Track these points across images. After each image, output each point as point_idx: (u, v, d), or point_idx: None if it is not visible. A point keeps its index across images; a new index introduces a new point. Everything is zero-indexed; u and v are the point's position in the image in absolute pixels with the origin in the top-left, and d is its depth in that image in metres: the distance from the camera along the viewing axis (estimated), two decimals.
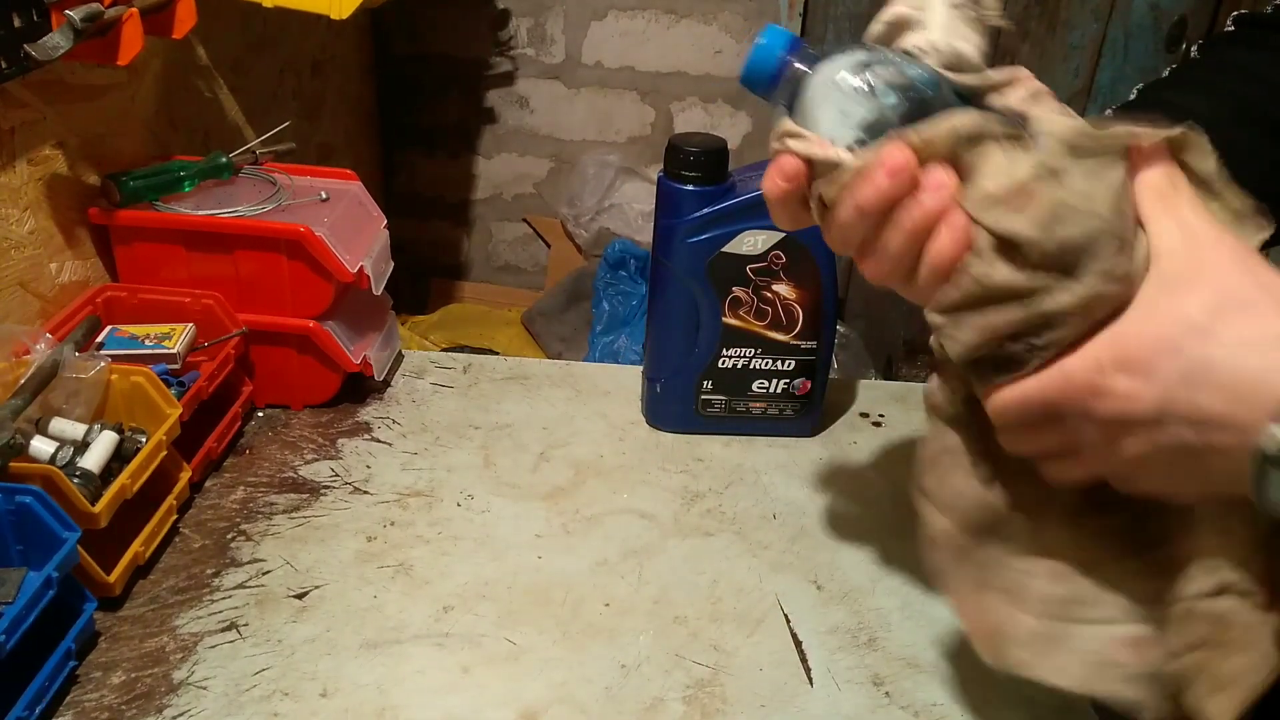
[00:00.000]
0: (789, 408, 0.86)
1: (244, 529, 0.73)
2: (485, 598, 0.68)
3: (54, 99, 0.80)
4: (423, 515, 0.75)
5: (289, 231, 0.80)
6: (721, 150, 0.78)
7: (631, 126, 2.07)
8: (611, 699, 0.61)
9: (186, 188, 0.85)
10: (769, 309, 0.81)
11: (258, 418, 0.86)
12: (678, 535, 0.75)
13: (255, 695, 0.59)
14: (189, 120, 1.04)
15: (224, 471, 0.79)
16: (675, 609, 0.68)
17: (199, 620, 0.64)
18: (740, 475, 0.82)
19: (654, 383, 0.86)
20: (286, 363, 0.85)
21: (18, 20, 0.70)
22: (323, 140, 1.69)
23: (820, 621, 0.68)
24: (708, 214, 0.78)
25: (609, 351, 1.83)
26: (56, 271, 0.81)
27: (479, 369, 0.95)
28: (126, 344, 0.77)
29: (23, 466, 0.61)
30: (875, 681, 0.63)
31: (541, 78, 2.03)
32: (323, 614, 0.65)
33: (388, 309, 0.93)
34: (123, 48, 0.74)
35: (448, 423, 0.87)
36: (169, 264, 0.82)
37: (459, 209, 2.19)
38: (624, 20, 1.97)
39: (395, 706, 0.59)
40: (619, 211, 2.00)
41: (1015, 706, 0.62)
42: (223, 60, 1.14)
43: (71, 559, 0.58)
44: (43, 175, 0.79)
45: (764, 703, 0.61)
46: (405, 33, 2.01)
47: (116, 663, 0.61)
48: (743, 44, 1.96)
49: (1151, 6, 1.86)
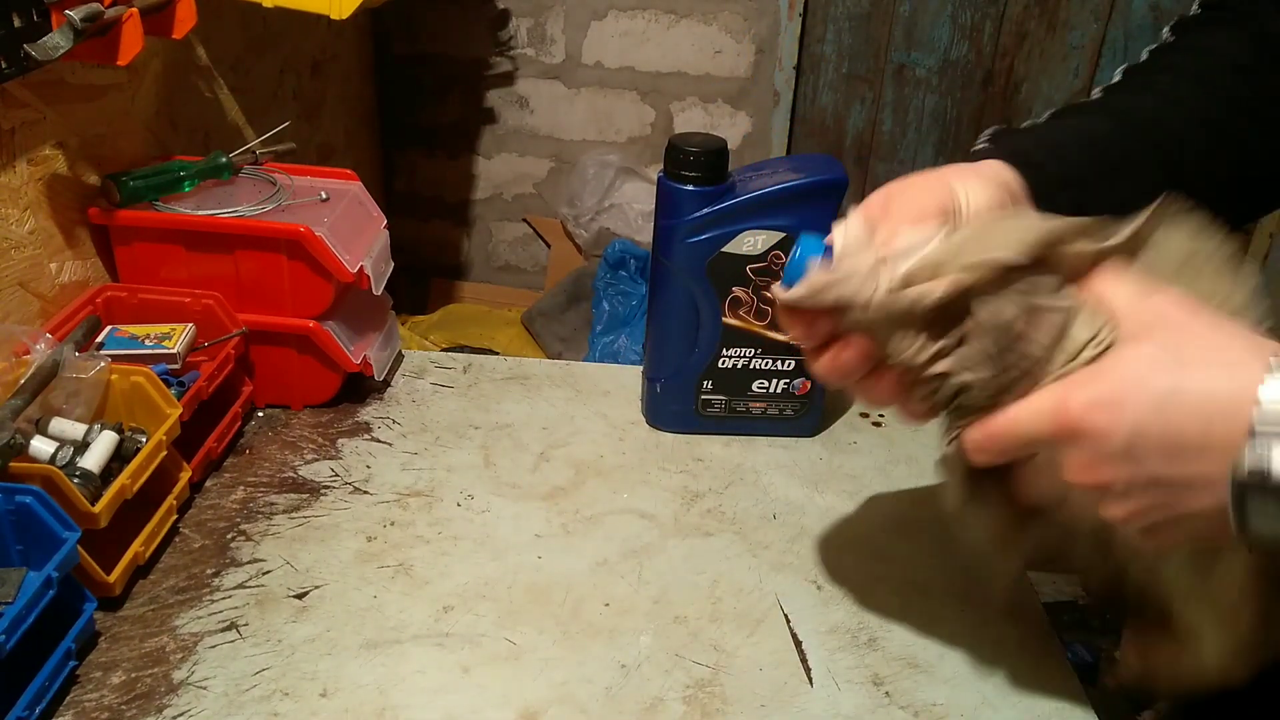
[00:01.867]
0: (789, 408, 0.86)
1: (244, 529, 0.73)
2: (485, 598, 0.68)
3: (54, 99, 0.80)
4: (423, 515, 0.75)
5: (289, 231, 0.80)
6: (721, 150, 0.78)
7: (631, 126, 2.07)
8: (611, 699, 0.61)
9: (186, 188, 0.85)
10: (769, 309, 0.81)
11: (258, 418, 0.86)
12: (678, 535, 0.75)
13: (255, 695, 0.59)
14: (189, 120, 1.04)
15: (224, 471, 0.79)
16: (675, 609, 0.68)
17: (199, 620, 0.64)
18: (740, 475, 0.82)
19: (654, 383, 0.86)
20: (286, 363, 0.85)
21: (18, 20, 0.70)
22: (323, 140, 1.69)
23: (820, 621, 0.68)
24: (708, 214, 0.78)
25: (609, 351, 1.83)
26: (56, 271, 0.81)
27: (479, 369, 0.95)
28: (126, 344, 0.77)
29: (23, 466, 0.61)
30: (875, 681, 0.63)
31: (541, 78, 2.03)
32: (323, 614, 0.65)
33: (388, 309, 0.93)
34: (123, 48, 0.74)
35: (448, 423, 0.87)
36: (169, 264, 0.82)
37: (459, 209, 2.19)
38: (624, 20, 1.97)
39: (395, 706, 0.59)
40: (619, 211, 2.00)
41: (1015, 706, 0.62)
42: (223, 60, 1.14)
43: (71, 559, 0.58)
44: (43, 175, 0.79)
45: (764, 703, 0.61)
46: (405, 33, 2.01)
47: (116, 663, 0.61)
48: (743, 44, 1.97)
49: (1151, 6, 1.86)
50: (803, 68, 1.97)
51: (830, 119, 2.02)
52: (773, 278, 0.80)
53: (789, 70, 1.95)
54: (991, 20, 1.90)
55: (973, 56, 1.93)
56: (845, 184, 0.78)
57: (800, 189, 0.77)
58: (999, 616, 0.69)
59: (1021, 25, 1.89)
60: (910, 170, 0.53)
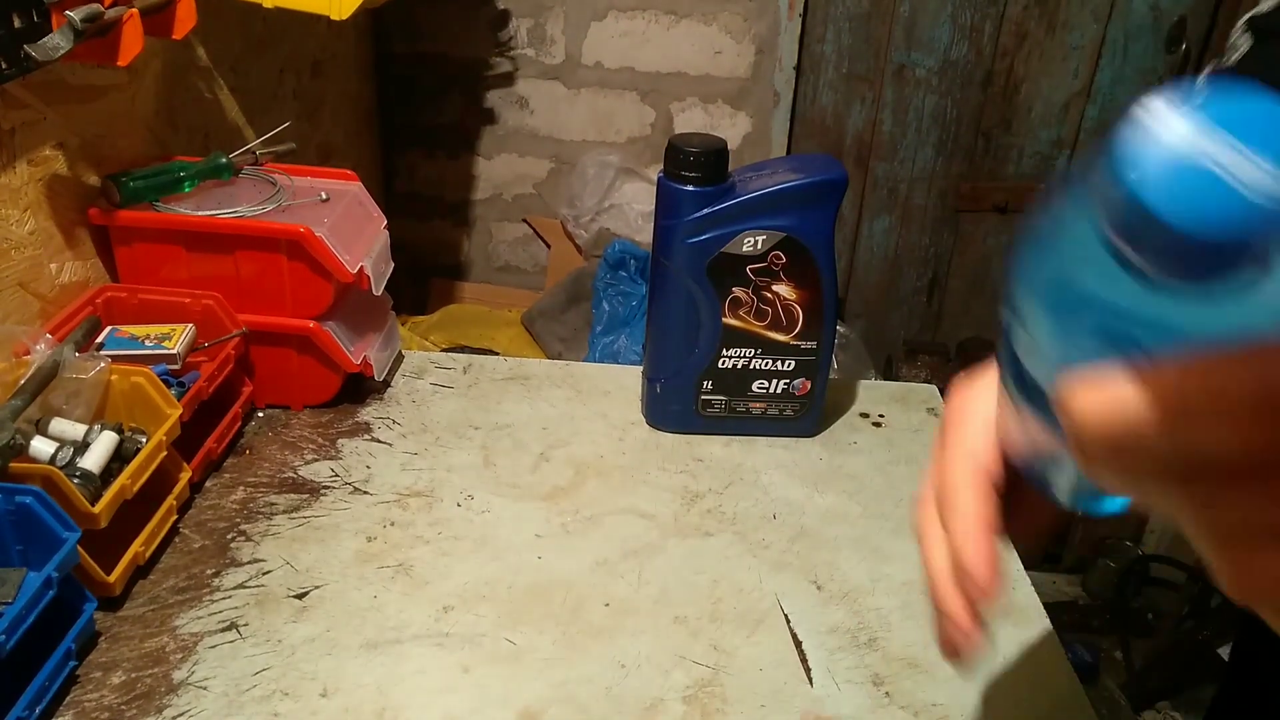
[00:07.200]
0: (789, 408, 0.86)
1: (244, 529, 0.73)
2: (485, 598, 0.68)
3: (54, 99, 0.80)
4: (423, 515, 0.75)
5: (289, 232, 0.80)
6: (721, 150, 0.78)
7: (631, 127, 2.07)
8: (611, 699, 0.61)
9: (186, 188, 0.85)
10: (769, 309, 0.81)
11: (258, 418, 0.86)
12: (678, 535, 0.75)
13: (255, 695, 0.59)
14: (189, 120, 1.04)
15: (224, 471, 0.79)
16: (675, 609, 0.68)
17: (199, 620, 0.64)
18: (740, 475, 0.82)
19: (654, 383, 0.86)
20: (286, 363, 0.85)
21: (18, 21, 0.70)
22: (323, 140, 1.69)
23: (820, 621, 0.68)
24: (708, 214, 0.78)
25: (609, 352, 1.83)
26: (56, 272, 0.81)
27: (479, 369, 0.95)
28: (126, 344, 0.77)
29: (23, 467, 0.61)
30: (875, 681, 0.63)
31: (541, 78, 2.03)
32: (323, 614, 0.65)
33: (388, 309, 0.93)
34: (123, 48, 0.74)
35: (448, 423, 0.87)
36: (169, 264, 0.82)
37: (459, 209, 2.19)
38: (624, 20, 1.97)
39: (395, 706, 0.59)
40: (619, 212, 1.99)
41: (1015, 706, 0.62)
42: (223, 60, 1.14)
43: (71, 559, 0.58)
44: (43, 176, 0.79)
45: (764, 703, 0.61)
46: (405, 33, 2.00)
47: (116, 663, 0.61)
48: (743, 44, 1.96)
49: (1151, 7, 1.86)
50: (803, 68, 1.97)
51: (830, 119, 2.02)
52: (773, 278, 0.80)
53: (789, 70, 1.95)
54: (991, 20, 1.89)
55: (973, 57, 1.93)
56: (845, 184, 0.78)
57: (800, 189, 0.77)
58: (999, 616, 0.69)
59: (1021, 25, 1.89)
60: (910, 170, 0.51)
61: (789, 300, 0.81)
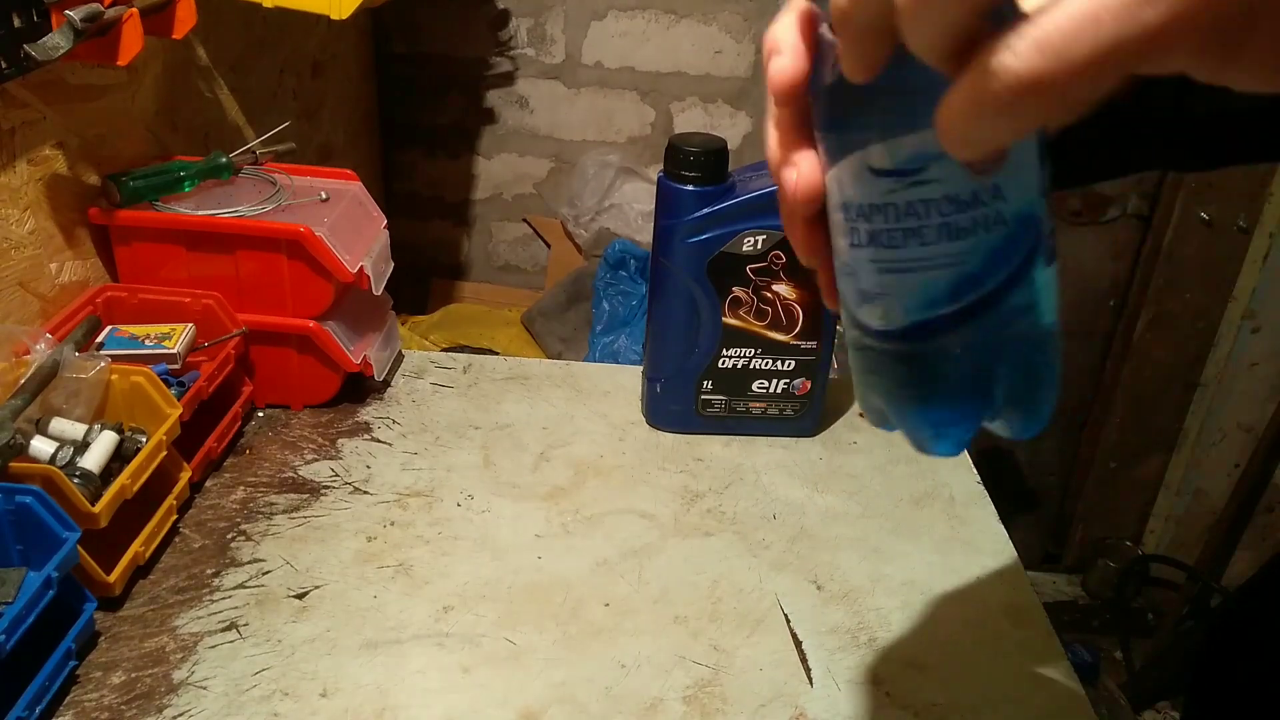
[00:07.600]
0: (789, 408, 0.86)
1: (244, 529, 0.73)
2: (485, 598, 0.68)
3: (54, 99, 0.80)
4: (423, 515, 0.75)
5: (289, 231, 0.80)
6: (721, 150, 0.78)
7: (631, 126, 2.07)
8: (611, 699, 0.61)
9: (186, 188, 0.85)
10: (769, 309, 0.81)
11: (258, 418, 0.86)
12: (678, 535, 0.75)
13: (255, 695, 0.59)
14: (189, 120, 1.04)
15: (224, 471, 0.79)
16: (675, 609, 0.68)
17: (199, 620, 0.64)
18: (740, 475, 0.82)
19: (654, 383, 0.86)
20: (286, 363, 0.85)
21: (18, 20, 0.70)
22: (323, 140, 1.69)
23: (820, 621, 0.68)
24: (708, 214, 0.78)
25: (609, 351, 1.82)
26: (56, 271, 0.81)
27: (479, 369, 0.95)
28: (126, 344, 0.77)
29: (23, 466, 0.61)
30: (875, 681, 0.63)
31: (541, 78, 2.03)
32: (323, 614, 0.65)
33: (388, 309, 0.93)
34: (123, 48, 0.74)
35: (448, 423, 0.87)
36: (169, 264, 0.82)
37: (459, 209, 2.19)
38: (624, 20, 1.97)
39: (395, 706, 0.59)
40: (619, 211, 1.99)
41: (1015, 706, 0.62)
42: (223, 60, 1.14)
43: (71, 559, 0.58)
44: (43, 175, 0.79)
45: (764, 703, 0.61)
46: (405, 33, 2.00)
47: (116, 663, 0.61)
48: (743, 44, 1.97)
49: None
50: None
51: None
52: (773, 278, 0.80)
53: None
54: None
55: None
56: None
57: None
58: (999, 616, 0.69)
59: None
60: None
61: (789, 300, 0.81)
